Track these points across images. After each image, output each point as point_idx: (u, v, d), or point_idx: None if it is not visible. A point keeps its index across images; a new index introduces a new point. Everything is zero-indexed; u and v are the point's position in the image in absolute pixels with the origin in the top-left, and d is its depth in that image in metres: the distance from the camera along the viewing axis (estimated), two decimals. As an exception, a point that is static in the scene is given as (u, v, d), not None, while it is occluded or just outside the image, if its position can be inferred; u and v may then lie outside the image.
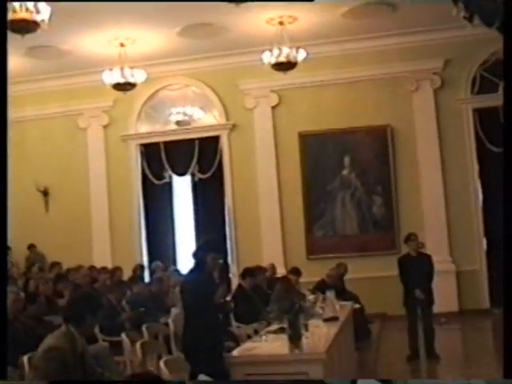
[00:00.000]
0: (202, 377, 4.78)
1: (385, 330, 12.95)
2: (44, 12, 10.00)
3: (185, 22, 13.31)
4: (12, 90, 15.36)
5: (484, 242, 14.59)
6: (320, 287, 11.42)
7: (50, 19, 10.07)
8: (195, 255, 6.57)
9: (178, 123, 16.06)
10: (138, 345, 6.48)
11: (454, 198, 14.61)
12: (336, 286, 11.31)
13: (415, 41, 14.70)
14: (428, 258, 10.44)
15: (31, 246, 15.72)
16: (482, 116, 14.70)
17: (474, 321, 13.23)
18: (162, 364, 5.29)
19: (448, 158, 14.70)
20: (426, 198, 14.70)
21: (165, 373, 5.11)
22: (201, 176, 15.82)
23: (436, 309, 10.77)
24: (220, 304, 6.69)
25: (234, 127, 15.66)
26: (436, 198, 14.63)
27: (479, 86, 14.82)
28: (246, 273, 10.56)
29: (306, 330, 6.61)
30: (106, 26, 13.08)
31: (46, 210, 16.26)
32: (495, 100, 14.51)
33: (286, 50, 12.92)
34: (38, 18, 9.97)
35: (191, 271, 6.70)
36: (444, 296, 12.61)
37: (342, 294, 11.02)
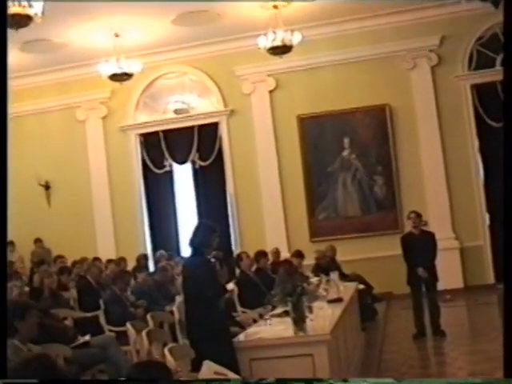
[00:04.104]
0: (207, 363, 4.80)
1: (391, 309, 13.00)
2: (37, 5, 9.96)
3: (179, 9, 13.26)
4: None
5: (487, 217, 14.57)
6: (316, 271, 11.52)
7: (43, 12, 10.04)
8: (191, 242, 6.59)
9: (176, 111, 16.05)
10: (143, 334, 6.50)
11: (455, 174, 14.60)
12: (330, 267, 11.37)
13: (411, 19, 14.65)
14: (431, 235, 10.44)
15: (37, 241, 15.76)
16: (480, 91, 14.65)
17: (479, 296, 13.25)
18: (166, 352, 5.30)
19: (448, 135, 14.67)
20: (427, 176, 14.69)
21: (170, 360, 5.13)
22: (201, 163, 15.82)
23: (441, 286, 10.79)
24: (222, 288, 6.70)
25: (232, 113, 15.64)
26: (437, 175, 14.62)
27: (476, 62, 14.76)
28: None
29: (311, 312, 6.63)
30: (99, 17, 13.04)
31: (49, 203, 16.27)
32: (493, 75, 14.49)
33: (281, 34, 12.85)
34: (30, 11, 9.93)
35: (190, 257, 6.73)
36: (448, 273, 12.65)
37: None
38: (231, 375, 4.64)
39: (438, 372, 8.24)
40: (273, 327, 6.65)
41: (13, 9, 9.84)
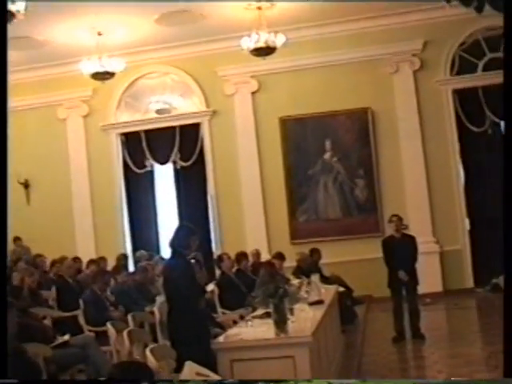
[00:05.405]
0: (189, 364, 4.77)
1: (371, 312, 13.02)
2: (19, 2, 9.89)
3: (162, 9, 13.20)
4: (-11, 82, 15.34)
5: (467, 221, 14.63)
6: (297, 273, 11.53)
7: (25, 9, 9.96)
8: (171, 243, 6.63)
9: (158, 111, 16.00)
10: (124, 334, 6.46)
11: (436, 178, 14.65)
12: (311, 269, 11.37)
13: (394, 23, 14.68)
14: (412, 239, 10.46)
15: (16, 239, 15.59)
16: (462, 96, 14.72)
17: (458, 300, 13.31)
18: (148, 352, 5.27)
19: (429, 139, 14.72)
20: (408, 180, 14.74)
21: (151, 361, 5.09)
22: (182, 164, 15.77)
23: (421, 289, 10.84)
24: (201, 289, 6.71)
25: (214, 114, 15.60)
26: (418, 179, 14.66)
27: (458, 67, 14.82)
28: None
29: (292, 314, 6.62)
30: (82, 15, 12.94)
31: (28, 202, 16.16)
32: (474, 80, 14.59)
33: (264, 35, 12.83)
34: (13, 8, 9.84)
35: (170, 259, 6.76)
36: (428, 276, 12.68)
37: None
38: (213, 376, 4.62)
39: (417, 375, 8.26)
40: (254, 328, 6.64)
41: (-6, 5, 9.76)
